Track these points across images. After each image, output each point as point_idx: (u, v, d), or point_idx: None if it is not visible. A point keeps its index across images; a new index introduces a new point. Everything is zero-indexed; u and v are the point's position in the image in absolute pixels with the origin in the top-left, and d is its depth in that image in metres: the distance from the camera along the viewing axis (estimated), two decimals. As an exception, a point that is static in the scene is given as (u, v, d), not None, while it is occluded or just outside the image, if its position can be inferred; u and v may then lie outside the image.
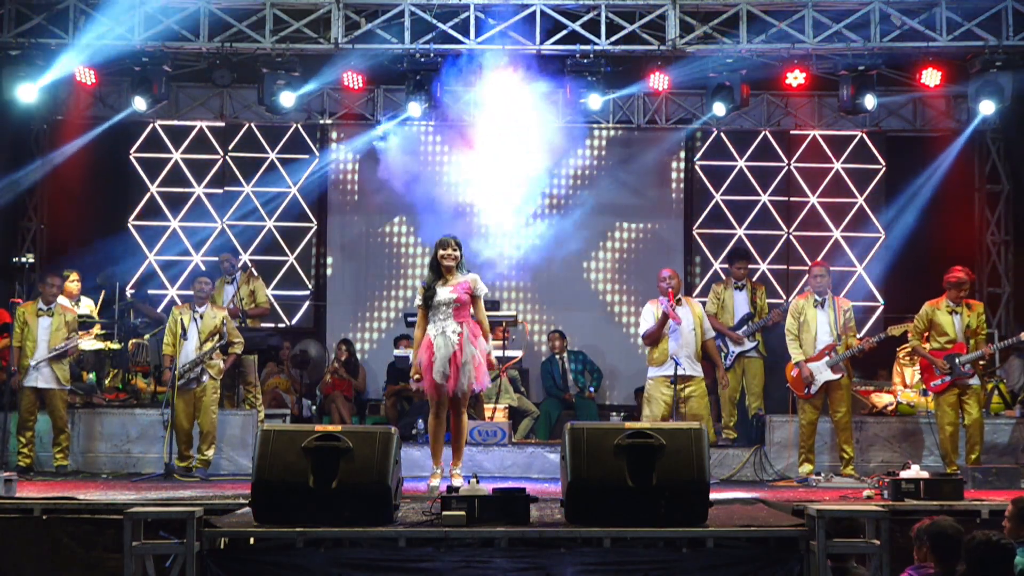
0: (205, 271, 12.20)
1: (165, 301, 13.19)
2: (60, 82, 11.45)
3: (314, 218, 13.87)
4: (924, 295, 9.96)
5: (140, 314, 11.95)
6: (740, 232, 13.74)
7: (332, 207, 13.91)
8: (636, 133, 13.80)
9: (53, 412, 9.94)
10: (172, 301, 13.06)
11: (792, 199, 13.83)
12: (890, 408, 10.79)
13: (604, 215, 13.78)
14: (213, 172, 13.82)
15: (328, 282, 13.85)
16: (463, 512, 5.95)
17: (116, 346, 11.36)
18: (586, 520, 6.00)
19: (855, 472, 9.55)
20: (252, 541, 6.07)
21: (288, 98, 11.67)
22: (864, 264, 13.66)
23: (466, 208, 12.80)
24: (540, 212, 13.21)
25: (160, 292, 13.45)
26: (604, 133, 13.91)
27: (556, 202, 13.32)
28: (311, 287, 13.83)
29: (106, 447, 10.35)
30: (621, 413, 12.89)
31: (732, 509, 7.01)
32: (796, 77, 11.69)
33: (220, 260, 11.91)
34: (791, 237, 13.79)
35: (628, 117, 13.63)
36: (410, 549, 5.88)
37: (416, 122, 12.97)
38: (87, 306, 11.43)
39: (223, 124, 13.73)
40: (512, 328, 11.91)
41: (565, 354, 12.42)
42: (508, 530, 5.92)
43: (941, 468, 9.40)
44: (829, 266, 10.12)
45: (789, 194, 13.84)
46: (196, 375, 9.92)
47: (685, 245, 13.82)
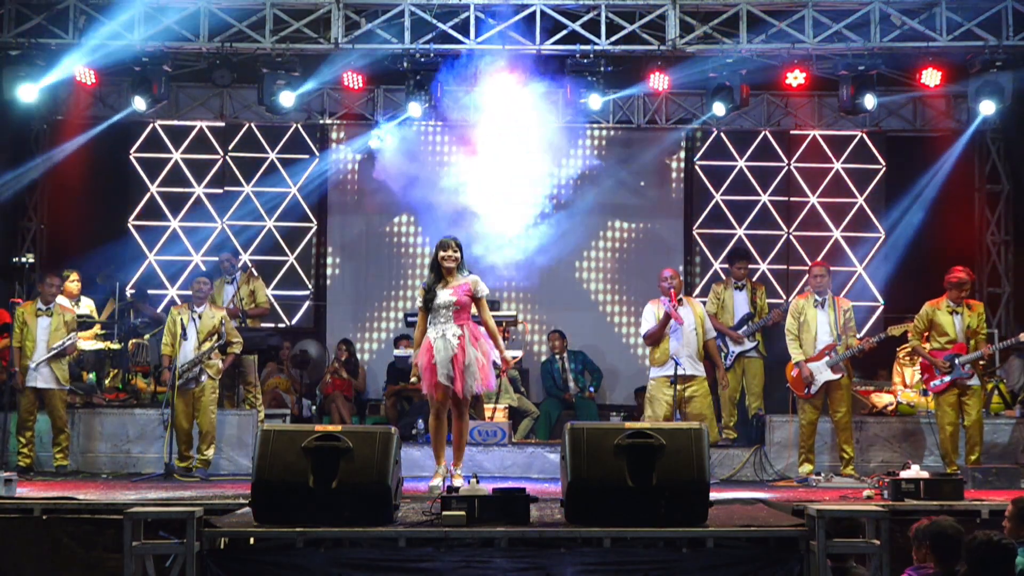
0: (205, 271, 12.21)
1: (165, 301, 13.18)
2: (60, 82, 11.45)
3: (314, 218, 13.87)
4: (924, 295, 9.96)
5: (140, 314, 11.94)
6: (740, 232, 13.74)
7: (332, 207, 13.91)
8: (636, 133, 13.80)
9: (52, 412, 9.94)
10: (172, 301, 13.04)
11: (792, 199, 13.83)
12: (890, 408, 10.79)
13: (604, 215, 13.78)
14: (213, 172, 13.81)
15: (328, 282, 13.85)
16: (463, 512, 5.94)
17: (116, 346, 11.37)
18: (586, 520, 6.00)
19: (855, 472, 9.56)
20: (252, 541, 6.07)
21: (288, 98, 11.67)
22: (864, 264, 13.66)
23: (466, 208, 12.78)
24: (540, 212, 13.19)
25: (160, 292, 13.44)
26: (604, 133, 13.91)
27: (556, 202, 13.31)
28: (311, 287, 13.83)
29: (106, 447, 10.35)
30: (621, 413, 12.89)
31: (732, 509, 7.01)
32: (796, 77, 11.69)
33: (220, 260, 11.90)
34: (791, 237, 13.79)
35: (628, 117, 13.63)
36: (410, 549, 5.87)
37: (416, 122, 12.96)
38: (87, 306, 11.44)
39: (223, 124, 13.73)
40: (512, 328, 11.91)
41: (565, 354, 12.42)
42: (508, 530, 5.91)
43: (941, 468, 9.41)
44: (829, 266, 10.12)
45: (789, 194, 13.84)
46: (195, 375, 9.92)
47: (685, 245, 13.81)
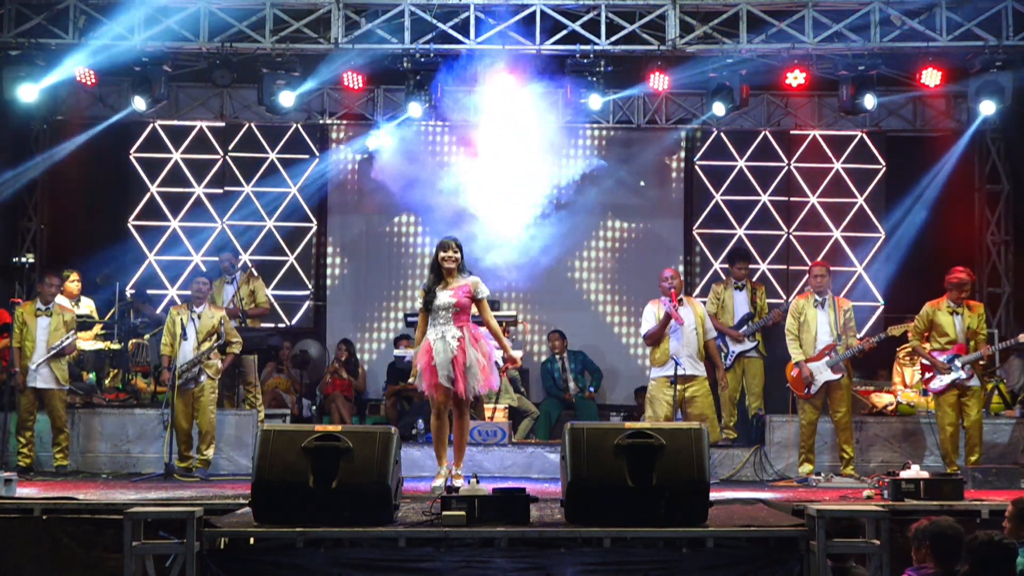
0: (205, 271, 12.20)
1: (165, 301, 13.18)
2: (60, 82, 11.45)
3: (314, 218, 13.86)
4: (924, 295, 9.96)
5: (140, 314, 11.95)
6: (740, 232, 13.73)
7: (332, 207, 13.90)
8: (636, 133, 13.80)
9: (52, 412, 9.93)
10: (172, 301, 13.04)
11: (792, 199, 13.83)
12: (890, 408, 10.79)
13: (604, 215, 13.78)
14: (213, 172, 13.81)
15: (328, 282, 13.85)
16: (463, 512, 5.94)
17: (116, 346, 11.37)
18: (586, 520, 6.00)
19: (855, 472, 9.56)
20: (252, 541, 6.07)
21: (288, 98, 11.67)
22: (864, 264, 13.66)
23: (466, 208, 12.78)
24: (540, 212, 13.18)
25: (160, 292, 13.44)
26: (604, 133, 13.91)
27: (556, 202, 13.30)
28: (311, 287, 13.83)
29: (106, 447, 10.36)
30: (621, 413, 12.89)
31: (732, 509, 7.01)
32: (796, 77, 11.68)
33: (220, 259, 11.90)
34: (791, 237, 13.78)
35: (628, 117, 13.63)
36: (410, 549, 5.87)
37: (416, 122, 12.95)
38: (87, 306, 11.44)
39: (223, 124, 13.72)
40: (512, 328, 11.90)
41: (565, 354, 12.42)
42: (508, 530, 5.91)
43: (941, 468, 9.41)
44: (829, 266, 10.12)
45: (789, 194, 13.84)
46: (194, 375, 9.92)
47: (685, 245, 13.81)
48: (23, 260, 12.11)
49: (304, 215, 13.83)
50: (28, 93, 11.26)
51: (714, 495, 6.20)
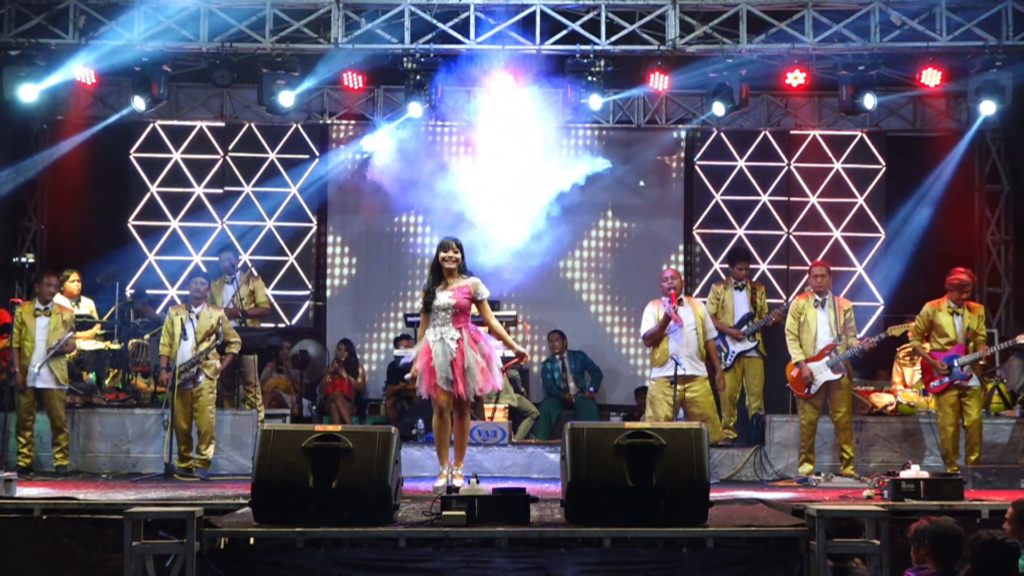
0: (205, 271, 12.20)
1: (165, 301, 13.17)
2: (60, 82, 11.44)
3: (314, 218, 13.87)
4: (924, 295, 9.97)
5: (140, 314, 11.95)
6: (740, 232, 13.73)
7: (332, 207, 13.90)
8: (636, 133, 13.80)
9: (51, 412, 9.93)
10: (172, 301, 13.04)
11: (792, 199, 13.83)
12: (890, 408, 10.79)
13: (604, 214, 13.79)
14: (213, 172, 13.80)
15: (328, 282, 13.84)
16: (463, 512, 5.94)
17: (116, 346, 11.37)
18: (586, 520, 5.99)
19: (855, 472, 9.56)
20: (252, 541, 6.07)
21: (288, 98, 11.67)
22: (864, 264, 13.66)
23: (465, 208, 12.78)
24: (540, 212, 13.18)
25: (160, 292, 13.44)
26: (604, 133, 13.90)
27: (556, 202, 13.30)
28: (311, 287, 13.83)
29: (106, 447, 10.35)
30: (621, 413, 12.89)
31: (732, 509, 7.00)
32: (796, 77, 11.67)
33: (220, 259, 11.90)
34: (791, 237, 13.78)
35: (628, 117, 13.63)
36: (410, 549, 5.87)
37: (416, 122, 12.95)
38: (87, 306, 11.43)
39: (223, 124, 13.72)
40: (512, 328, 11.89)
41: (565, 354, 12.42)
42: (508, 530, 5.91)
43: (941, 468, 9.41)
44: (829, 266, 10.11)
45: (789, 194, 13.84)
46: (192, 375, 9.92)
47: (685, 245, 13.81)
48: (23, 260, 12.11)
49: (304, 215, 13.83)
50: (28, 93, 11.26)
51: (714, 495, 6.19)
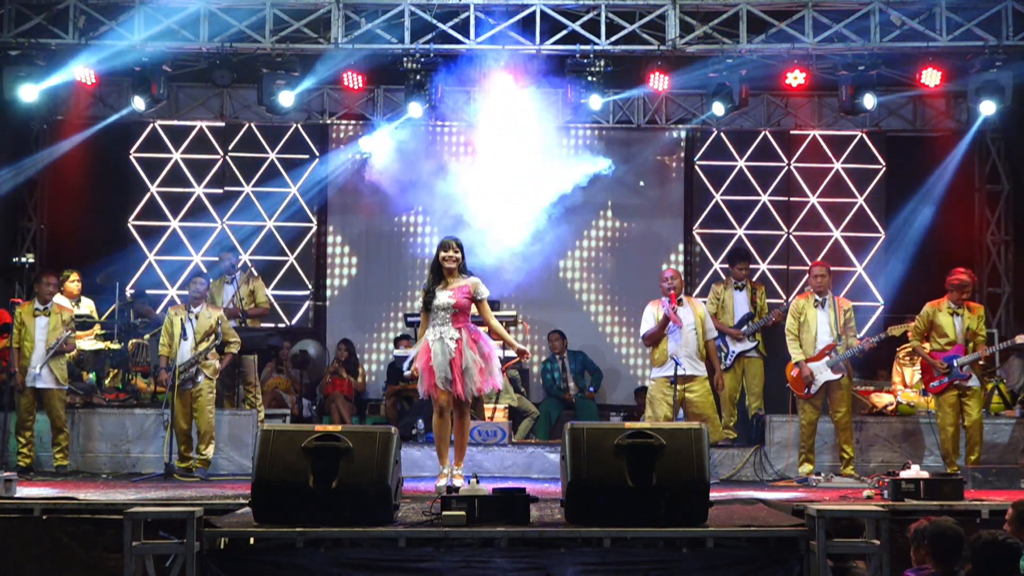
0: (205, 271, 12.20)
1: (165, 301, 13.16)
2: (60, 82, 11.43)
3: (314, 218, 13.87)
4: (924, 295, 9.97)
5: (140, 314, 11.95)
6: (740, 232, 13.73)
7: (332, 207, 13.90)
8: (636, 133, 13.80)
9: (51, 412, 9.93)
10: (172, 301, 13.03)
11: (792, 199, 13.83)
12: (890, 408, 10.78)
13: (603, 215, 13.79)
14: (213, 172, 13.80)
15: (328, 282, 13.84)
16: (463, 512, 5.94)
17: (116, 346, 11.37)
18: (586, 520, 6.00)
19: (855, 472, 9.55)
20: (252, 541, 6.07)
21: (287, 98, 11.67)
22: (864, 264, 13.66)
23: (465, 208, 12.79)
24: (540, 212, 13.17)
25: (160, 292, 13.44)
26: (604, 133, 13.90)
27: (556, 202, 13.29)
28: (311, 287, 13.83)
29: (106, 447, 10.35)
30: (621, 413, 12.89)
31: (732, 509, 7.01)
32: (796, 77, 11.67)
33: (220, 258, 11.90)
34: (791, 237, 13.78)
35: (628, 117, 13.63)
36: (410, 549, 5.87)
37: (416, 122, 12.95)
38: (87, 306, 11.43)
39: (223, 124, 13.72)
40: (512, 328, 11.89)
41: (565, 354, 12.42)
42: (508, 530, 5.91)
43: (941, 468, 9.40)
44: (829, 266, 10.11)
45: (789, 194, 13.84)
46: (191, 375, 9.92)
47: (685, 245, 13.81)
48: (23, 260, 12.12)
49: (304, 215, 13.82)
50: (28, 93, 11.26)
51: (714, 495, 6.20)
